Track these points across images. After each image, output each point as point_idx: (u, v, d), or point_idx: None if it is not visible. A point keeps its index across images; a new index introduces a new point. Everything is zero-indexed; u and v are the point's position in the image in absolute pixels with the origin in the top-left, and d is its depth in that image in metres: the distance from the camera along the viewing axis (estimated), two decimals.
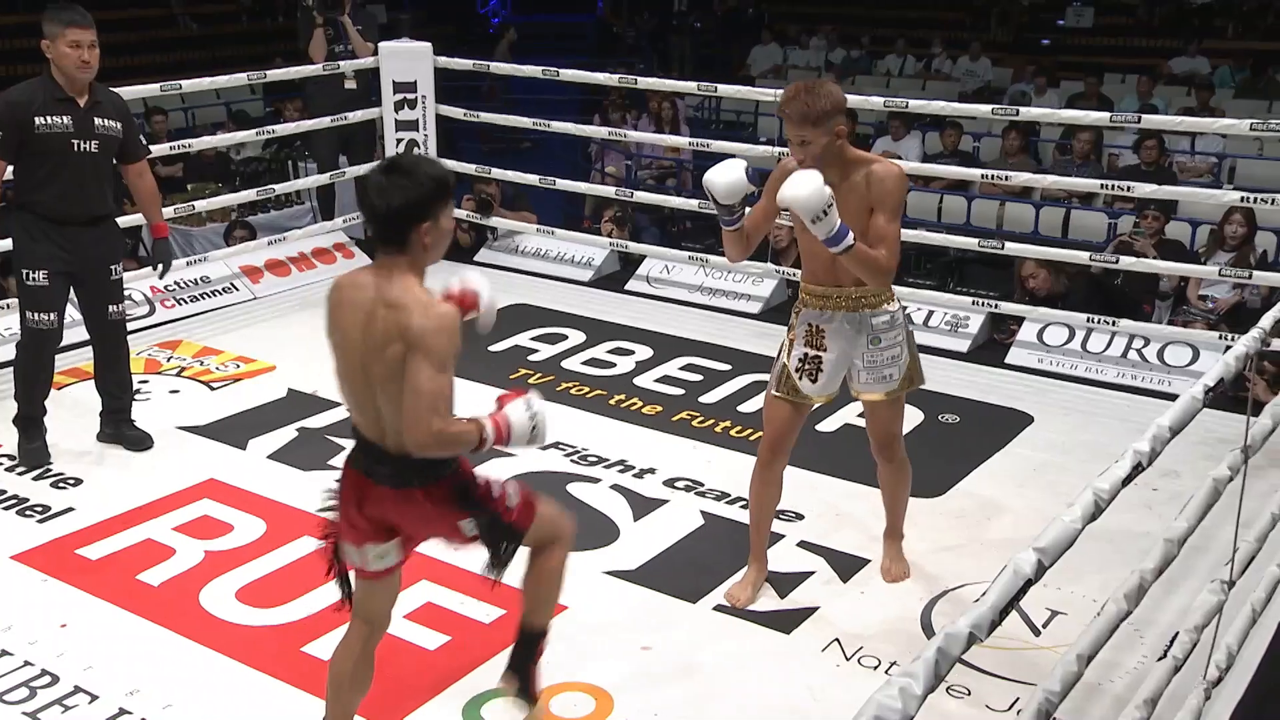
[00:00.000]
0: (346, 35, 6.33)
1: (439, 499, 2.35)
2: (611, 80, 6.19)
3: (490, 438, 2.33)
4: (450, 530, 2.41)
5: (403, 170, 2.22)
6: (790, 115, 2.84)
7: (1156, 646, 2.86)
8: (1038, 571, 1.52)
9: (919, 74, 13.49)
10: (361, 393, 2.32)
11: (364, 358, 2.27)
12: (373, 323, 2.24)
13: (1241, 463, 2.39)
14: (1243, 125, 4.71)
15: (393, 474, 2.33)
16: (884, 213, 2.90)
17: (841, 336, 3.09)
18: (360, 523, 2.38)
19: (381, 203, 2.20)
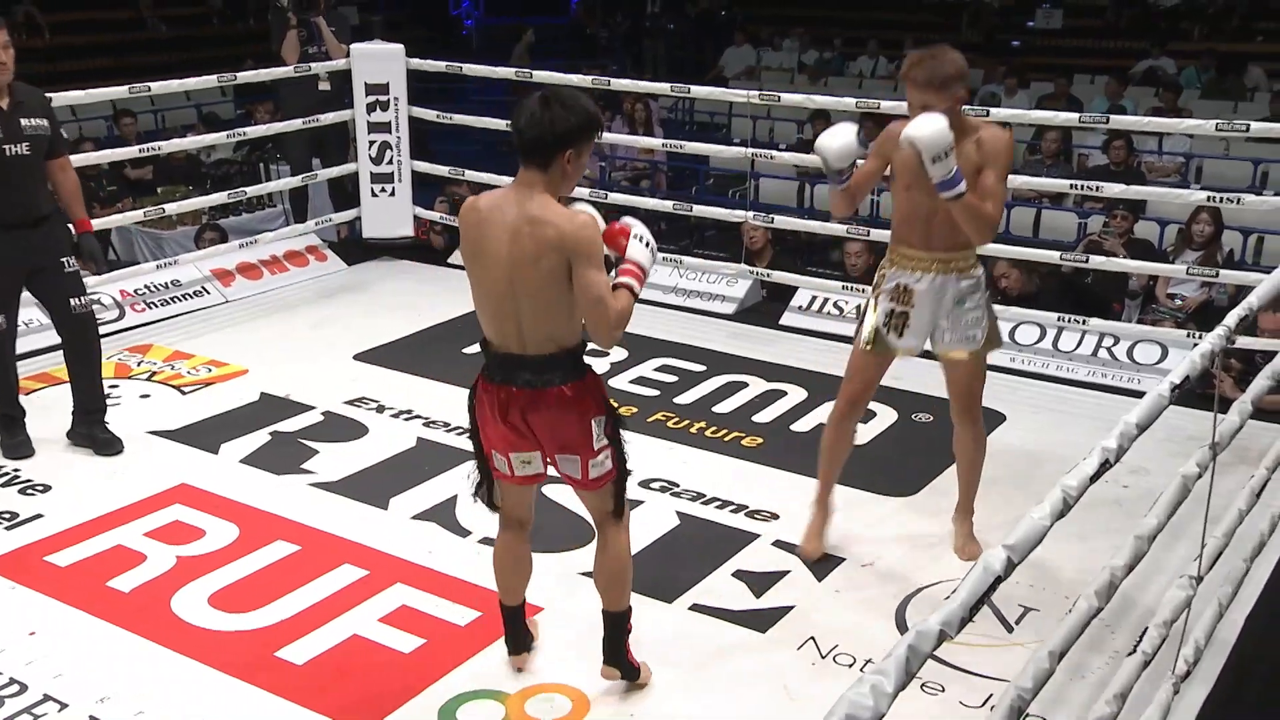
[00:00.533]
0: (320, 37, 6.30)
1: (578, 394, 2.58)
2: (585, 82, 6.18)
3: (639, 288, 2.58)
4: (582, 431, 2.60)
5: (561, 101, 2.46)
6: (915, 79, 2.99)
7: (1128, 642, 2.89)
8: (1007, 569, 1.53)
9: (891, 75, 13.55)
10: (505, 307, 2.53)
11: (511, 272, 2.49)
12: (519, 238, 2.47)
13: (1210, 460, 2.41)
14: (1208, 125, 4.77)
15: (535, 376, 2.55)
16: (993, 170, 3.04)
17: (930, 297, 3.22)
18: (506, 432, 2.62)
19: (543, 123, 2.44)
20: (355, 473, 4.01)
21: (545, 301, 2.49)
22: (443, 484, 3.92)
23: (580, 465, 2.64)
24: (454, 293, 5.93)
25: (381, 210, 6.33)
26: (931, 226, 3.15)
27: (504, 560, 2.90)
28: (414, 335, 5.38)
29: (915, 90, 3.00)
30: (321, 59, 6.26)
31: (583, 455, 2.63)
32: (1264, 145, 8.67)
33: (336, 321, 5.57)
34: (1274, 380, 2.90)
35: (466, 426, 2.76)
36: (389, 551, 3.50)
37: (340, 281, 6.19)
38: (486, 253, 2.53)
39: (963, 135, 3.05)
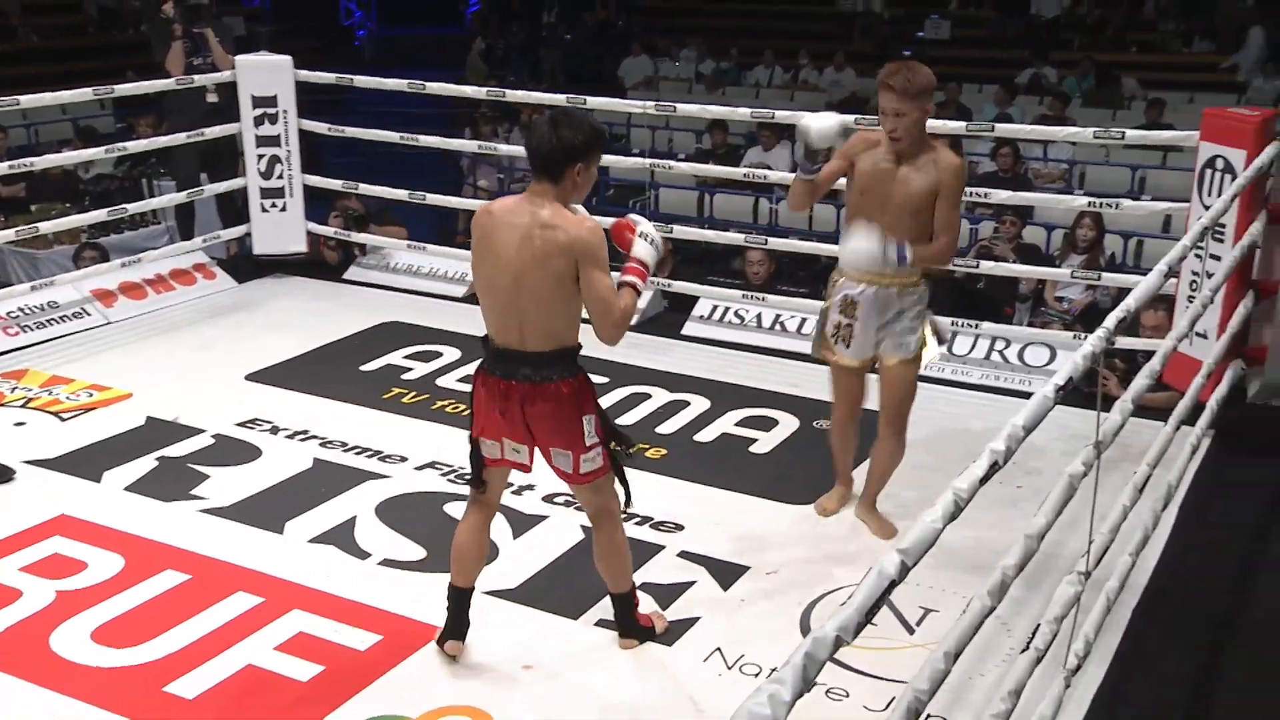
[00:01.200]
0: (206, 47, 6.14)
1: (572, 391, 2.79)
2: (480, 93, 6.15)
3: (643, 287, 2.79)
4: (574, 427, 2.81)
5: (569, 121, 2.73)
6: (893, 86, 3.19)
7: (1023, 639, 2.98)
8: (901, 572, 1.56)
9: (787, 85, 13.81)
10: (509, 305, 2.75)
11: (519, 271, 2.70)
12: (530, 241, 2.70)
13: (1094, 458, 2.50)
14: (1087, 133, 4.96)
15: (534, 371, 2.77)
16: (946, 200, 3.28)
17: (873, 309, 3.43)
18: (499, 421, 2.83)
19: (551, 140, 2.70)
20: (248, 497, 3.91)
21: (549, 301, 2.72)
22: (341, 505, 3.84)
23: (573, 460, 2.85)
24: (350, 309, 5.86)
25: (272, 225, 6.20)
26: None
27: (468, 540, 3.02)
28: (309, 353, 5.27)
29: (892, 98, 3.20)
30: (208, 70, 6.10)
31: (575, 450, 2.84)
32: (1141, 152, 9.08)
33: (227, 341, 5.43)
34: (1152, 379, 3.02)
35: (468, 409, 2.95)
36: (285, 577, 3.42)
37: (230, 300, 6.03)
38: (496, 254, 2.75)
39: (923, 150, 3.29)
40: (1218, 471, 4.06)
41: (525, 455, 2.90)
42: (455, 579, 3.04)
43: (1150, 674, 3.00)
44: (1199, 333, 4.09)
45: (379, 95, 7.02)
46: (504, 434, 2.86)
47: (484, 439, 2.89)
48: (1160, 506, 3.31)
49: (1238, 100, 11.01)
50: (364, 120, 7.33)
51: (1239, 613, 3.30)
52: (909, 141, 3.25)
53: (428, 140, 6.19)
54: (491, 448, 2.90)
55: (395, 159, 9.60)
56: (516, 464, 2.93)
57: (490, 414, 2.84)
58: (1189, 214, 4.29)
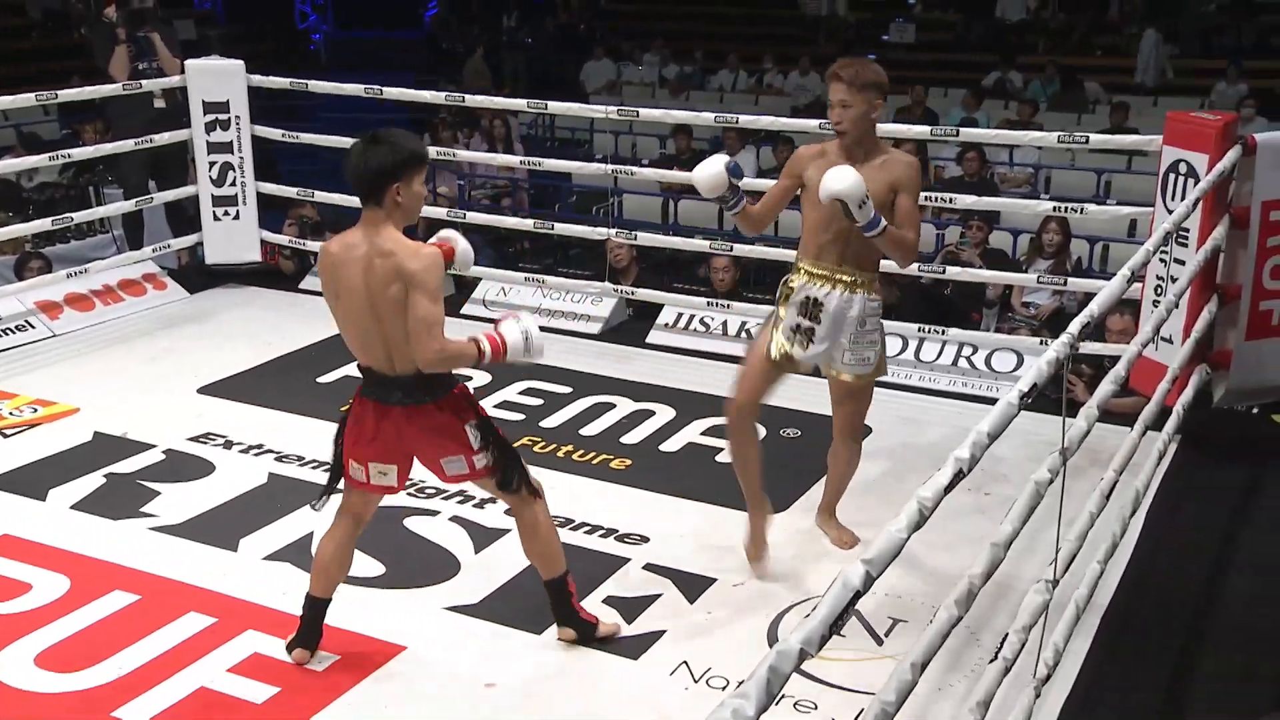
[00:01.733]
0: (153, 51, 6.07)
1: (449, 408, 2.88)
2: (439, 98, 6.13)
3: (488, 352, 2.85)
4: (457, 438, 2.89)
5: (381, 140, 2.75)
6: (840, 75, 3.26)
7: (992, 648, 2.99)
8: (866, 583, 1.57)
9: (752, 89, 13.88)
10: (369, 332, 2.81)
11: (369, 299, 2.77)
12: (372, 269, 2.75)
13: (1060, 465, 2.53)
14: (1051, 137, 5.02)
15: (405, 395, 2.84)
16: (908, 196, 3.29)
17: (837, 313, 3.41)
18: (370, 444, 2.90)
19: (360, 165, 2.74)
20: (201, 514, 3.86)
21: (400, 325, 2.74)
22: (297, 521, 3.80)
23: (466, 462, 2.92)
24: (306, 319, 5.80)
25: (225, 234, 6.14)
26: (847, 244, 3.34)
27: (331, 552, 3.05)
28: (264, 365, 5.22)
29: (839, 87, 3.26)
30: (154, 75, 6.03)
31: (465, 454, 2.91)
32: (1106, 156, 9.20)
33: (178, 353, 5.37)
34: (1118, 384, 3.06)
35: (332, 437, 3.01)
36: (239, 596, 3.38)
37: (182, 311, 5.96)
38: (345, 289, 2.80)
39: (874, 151, 3.32)
40: (1185, 477, 4.11)
41: (393, 477, 2.94)
42: (314, 589, 3.07)
43: (1120, 682, 3.03)
44: (1164, 337, 4.14)
45: (336, 100, 6.98)
46: (370, 458, 2.91)
47: (351, 462, 2.94)
48: (1128, 513, 3.35)
49: (1201, 105, 11.21)
50: (320, 126, 7.30)
51: (1208, 619, 3.34)
52: (855, 135, 3.27)
53: None
54: (357, 471, 2.95)
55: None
56: (382, 488, 2.97)
57: (360, 437, 2.91)
58: (1153, 218, 4.35)
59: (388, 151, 2.73)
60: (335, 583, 3.08)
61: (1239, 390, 4.32)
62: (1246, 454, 4.34)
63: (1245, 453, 4.35)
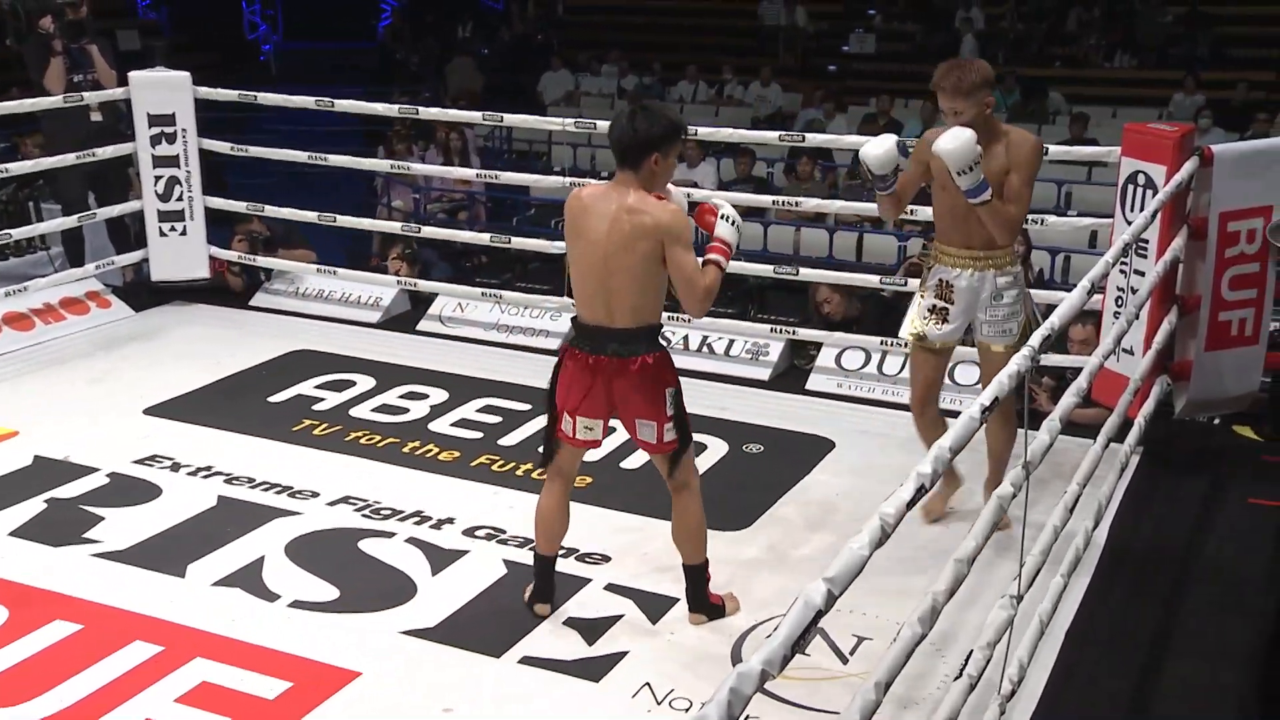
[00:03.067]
0: (89, 63, 6.00)
1: (658, 366, 3.13)
2: (391, 110, 6.12)
3: (725, 264, 3.10)
4: (656, 400, 3.14)
5: (647, 113, 3.06)
6: (945, 88, 3.43)
7: (957, 665, 3.02)
8: (828, 602, 1.58)
9: (711, 100, 13.97)
10: (599, 284, 3.07)
11: (607, 251, 3.04)
12: (619, 224, 3.03)
13: (1023, 478, 2.56)
14: None
15: (622, 346, 3.10)
16: (1019, 174, 3.48)
17: (968, 292, 3.64)
18: (580, 397, 3.16)
19: (629, 130, 3.02)
20: (147, 539, 3.81)
21: (636, 280, 3.04)
22: (247, 545, 3.76)
23: (656, 430, 3.17)
24: (256, 337, 5.76)
25: (172, 250, 6.07)
26: (970, 226, 3.55)
27: (551, 507, 3.36)
28: (213, 385, 5.16)
29: (946, 98, 3.44)
30: (91, 88, 5.96)
31: (659, 420, 3.16)
32: (1066, 167, 9.34)
33: (123, 373, 5.30)
34: (1080, 396, 3.10)
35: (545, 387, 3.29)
36: (186, 623, 3.33)
37: (127, 329, 5.89)
38: (586, 237, 3.08)
39: (994, 138, 3.49)
40: (1147, 488, 4.17)
41: (599, 432, 3.23)
42: (540, 547, 3.39)
43: (1085, 696, 3.06)
44: (1125, 349, 4.21)
45: (287, 113, 6.93)
46: (581, 410, 3.18)
47: (564, 414, 3.22)
48: (1091, 526, 3.40)
49: (1160, 115, 11.42)
50: (271, 139, 7.25)
51: (1172, 630, 3.39)
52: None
53: (338, 160, 6.12)
54: (568, 424, 3.22)
55: (305, 179, 9.52)
56: (588, 442, 3.26)
57: (571, 391, 3.17)
58: (1113, 229, 4.42)
59: (654, 124, 3.02)
60: (560, 538, 3.38)
61: (1199, 401, 4.40)
62: (1208, 465, 4.41)
63: (1207, 464, 4.42)
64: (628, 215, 3.01)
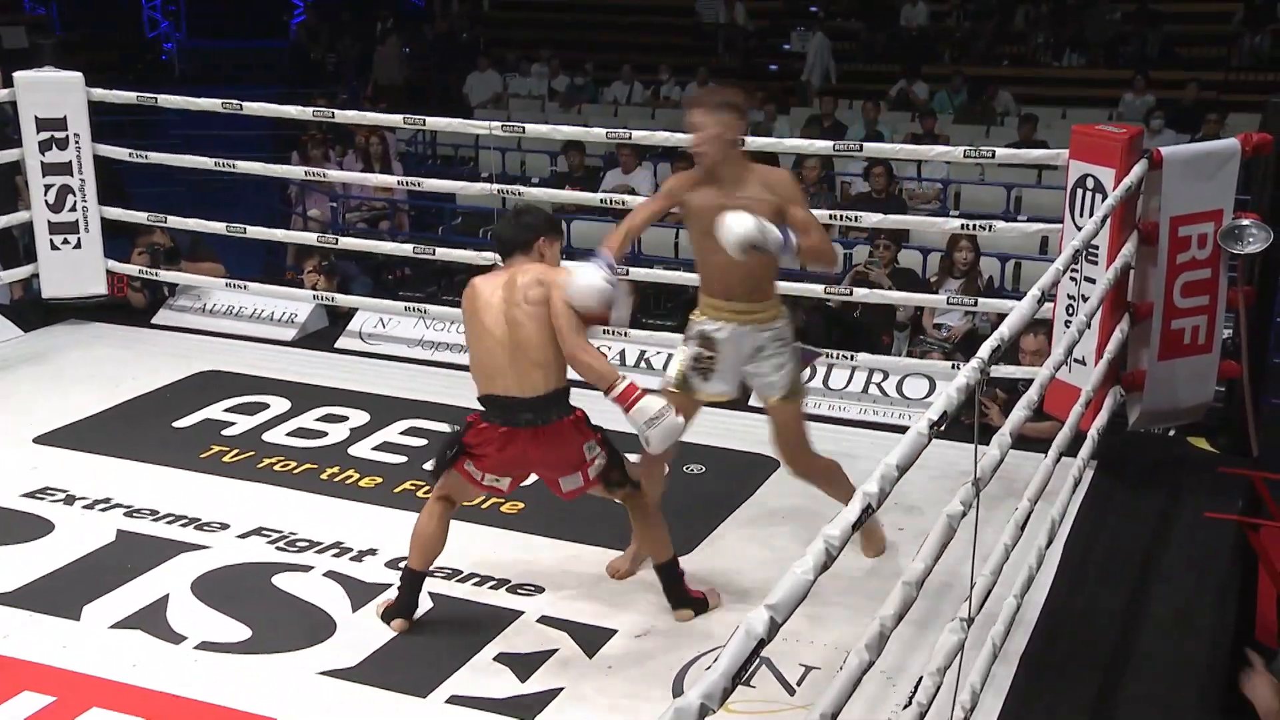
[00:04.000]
0: None
1: (575, 424, 3.37)
2: (305, 113, 6.06)
3: (620, 388, 3.31)
4: (577, 455, 3.39)
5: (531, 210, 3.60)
6: (693, 101, 3.56)
7: (909, 692, 3.05)
8: (770, 630, 1.58)
9: (648, 101, 14.03)
10: (507, 356, 3.32)
11: (506, 314, 3.32)
12: (512, 287, 3.35)
13: (974, 496, 2.59)
14: (957, 152, 5.18)
15: (536, 415, 3.31)
16: (798, 205, 3.52)
17: (731, 346, 3.64)
18: (492, 460, 3.38)
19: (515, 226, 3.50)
20: (37, 579, 3.71)
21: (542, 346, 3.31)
22: (150, 583, 3.69)
23: (582, 476, 3.42)
24: (160, 357, 5.66)
25: (65, 265, 5.95)
26: (730, 279, 3.54)
27: (429, 527, 3.47)
28: (111, 410, 5.06)
29: (697, 112, 3.49)
30: None
31: (582, 469, 3.41)
32: (1016, 170, 9.53)
33: (11, 398, 5.17)
34: (1031, 409, 3.15)
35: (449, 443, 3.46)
36: (82, 670, 3.25)
37: (15, 351, 5.75)
38: (488, 315, 3.36)
39: (747, 173, 3.53)
40: (1101, 503, 4.25)
41: (505, 485, 3.48)
42: (413, 563, 3.47)
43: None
44: (1077, 359, 4.28)
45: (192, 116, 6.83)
46: (489, 469, 3.40)
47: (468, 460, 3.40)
48: (1044, 543, 3.45)
49: (1110, 116, 11.70)
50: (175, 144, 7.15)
51: (1129, 649, 3.45)
52: (715, 157, 3.48)
53: (248, 166, 6.05)
54: (474, 470, 3.41)
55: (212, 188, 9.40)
56: (490, 489, 3.49)
57: (482, 450, 3.36)
58: (1062, 235, 4.51)
59: (538, 215, 3.53)
60: (434, 557, 3.48)
61: (1154, 412, 4.49)
62: (1164, 478, 4.51)
63: (1163, 477, 4.52)
64: (527, 283, 3.32)
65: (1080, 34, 14.60)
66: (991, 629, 2.96)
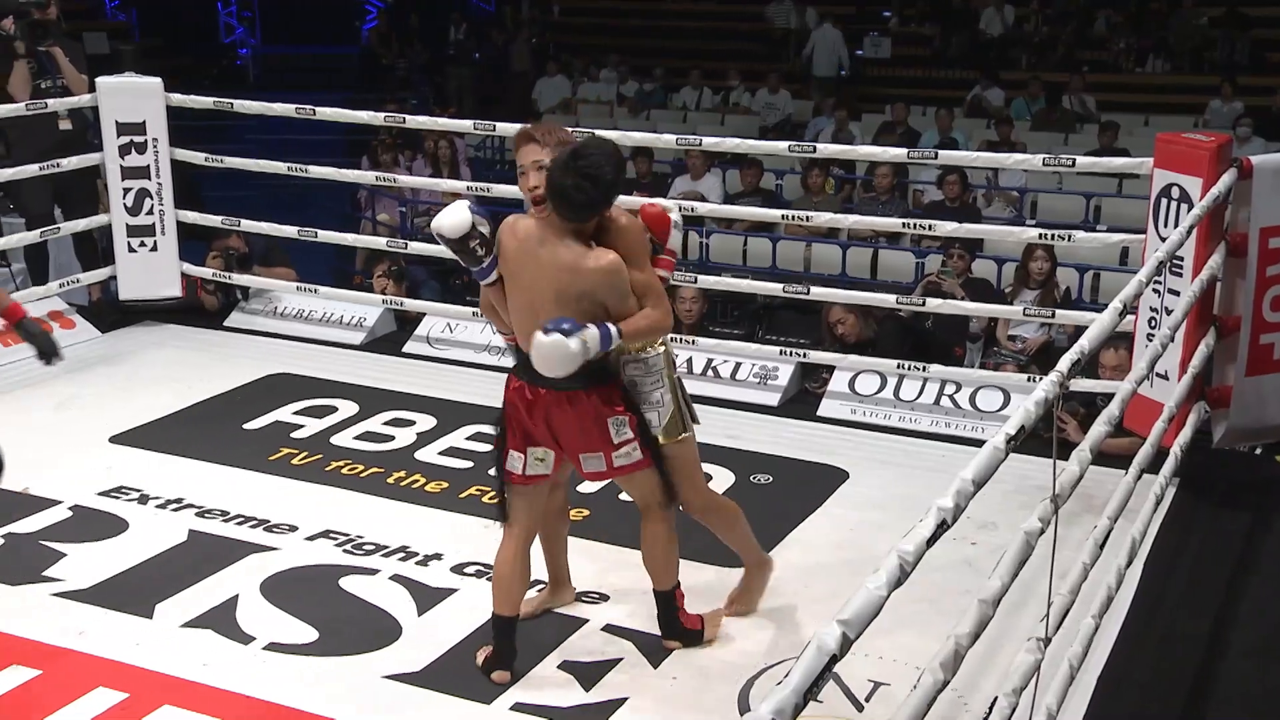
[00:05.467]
0: (55, 68, 6.03)
1: (599, 400, 3.13)
2: (377, 119, 6.14)
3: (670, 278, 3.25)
4: (601, 431, 3.16)
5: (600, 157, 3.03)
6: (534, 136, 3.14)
7: (981, 712, 3.01)
8: (843, 646, 1.57)
9: (717, 107, 14.02)
10: (535, 323, 3.03)
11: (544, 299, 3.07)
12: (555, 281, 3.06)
13: (1052, 513, 2.55)
14: (1036, 160, 5.11)
15: (560, 380, 3.05)
16: (635, 265, 3.13)
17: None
18: (524, 427, 3.18)
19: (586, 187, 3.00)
20: (112, 577, 3.80)
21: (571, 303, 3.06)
22: (221, 583, 3.76)
23: (605, 459, 3.20)
24: (230, 360, 5.77)
25: (141, 267, 6.09)
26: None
27: (508, 569, 3.28)
28: (184, 411, 5.17)
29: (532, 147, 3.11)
30: (59, 94, 5.99)
31: (605, 451, 3.18)
32: (1095, 179, 9.37)
33: (88, 399, 5.30)
34: (1112, 425, 3.10)
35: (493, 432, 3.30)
36: (153, 668, 3.32)
37: (93, 352, 5.89)
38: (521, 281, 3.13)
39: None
40: (1184, 523, 4.16)
41: (551, 463, 3.23)
42: (497, 606, 3.30)
43: None
44: (1160, 373, 4.20)
45: (266, 121, 6.96)
46: (529, 441, 3.19)
47: (510, 453, 3.22)
48: (1124, 563, 3.38)
49: (1195, 123, 11.46)
50: (248, 149, 7.28)
51: (1212, 675, 3.37)
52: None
53: (319, 171, 6.15)
54: (515, 461, 3.22)
55: (285, 192, 9.55)
56: (539, 477, 3.24)
57: (516, 417, 3.19)
58: (1145, 246, 4.43)
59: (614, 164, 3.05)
60: (519, 598, 3.31)
61: (1240, 429, 4.39)
62: (1249, 498, 4.40)
63: (1247, 496, 4.41)
64: (568, 275, 3.05)
65: (1164, 39, 14.32)
66: (1068, 650, 2.91)
